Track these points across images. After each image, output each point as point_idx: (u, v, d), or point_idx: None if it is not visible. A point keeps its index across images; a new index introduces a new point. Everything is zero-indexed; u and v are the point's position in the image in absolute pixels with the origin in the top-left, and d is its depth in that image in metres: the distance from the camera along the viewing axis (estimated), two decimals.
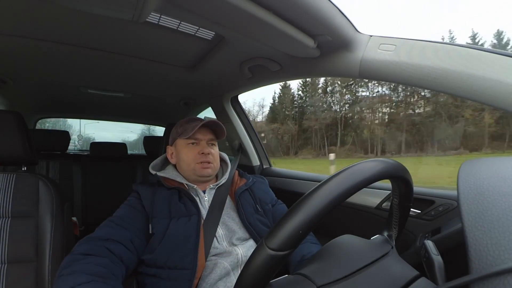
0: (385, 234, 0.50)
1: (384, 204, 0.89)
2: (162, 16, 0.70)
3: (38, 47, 0.88)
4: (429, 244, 0.41)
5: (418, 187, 0.81)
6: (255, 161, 1.50)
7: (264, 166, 1.52)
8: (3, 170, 0.85)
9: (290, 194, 1.24)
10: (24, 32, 0.78)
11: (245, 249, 0.76)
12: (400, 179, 0.43)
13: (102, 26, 0.76)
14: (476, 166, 0.34)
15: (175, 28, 0.77)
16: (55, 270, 0.60)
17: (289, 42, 0.70)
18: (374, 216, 0.92)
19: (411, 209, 0.70)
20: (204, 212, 0.80)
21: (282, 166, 1.55)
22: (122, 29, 0.78)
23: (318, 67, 0.83)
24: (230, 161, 0.99)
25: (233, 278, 0.70)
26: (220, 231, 0.78)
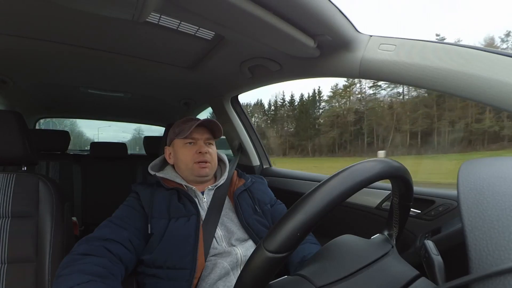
0: (386, 233, 0.50)
1: (384, 204, 0.89)
2: (162, 16, 0.70)
3: (38, 47, 0.87)
4: (429, 244, 0.41)
5: (418, 187, 0.81)
6: (255, 161, 1.50)
7: (264, 166, 1.52)
8: (3, 170, 0.84)
9: (290, 194, 1.24)
10: (24, 32, 0.78)
11: (244, 249, 0.76)
12: (400, 179, 0.42)
13: (102, 26, 0.76)
14: (476, 166, 0.33)
15: (175, 28, 0.77)
16: (55, 270, 0.60)
17: (289, 42, 0.70)
18: (374, 216, 0.92)
19: (411, 209, 0.70)
20: (203, 213, 0.80)
21: None
22: (122, 29, 0.78)
23: (318, 67, 0.83)
24: (229, 161, 0.99)
25: (233, 278, 0.70)
26: (219, 232, 0.78)
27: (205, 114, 1.81)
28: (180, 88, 1.39)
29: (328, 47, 0.74)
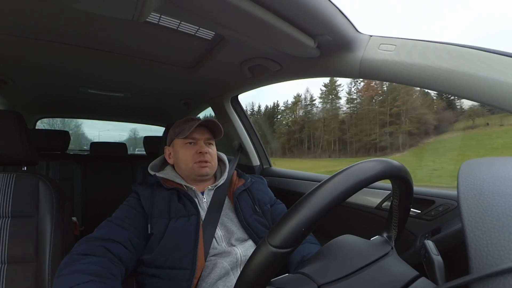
0: (385, 235, 0.50)
1: (384, 204, 0.89)
2: (162, 16, 0.70)
3: (38, 47, 0.87)
4: (429, 244, 0.41)
5: (418, 187, 0.81)
6: (255, 161, 1.50)
7: (264, 166, 1.52)
8: (3, 170, 0.85)
9: (290, 194, 1.24)
10: (24, 32, 0.78)
11: (244, 248, 0.76)
12: (401, 180, 0.43)
13: (102, 26, 0.76)
14: (476, 166, 0.33)
15: (175, 28, 0.77)
16: (55, 270, 0.60)
17: (289, 42, 0.70)
18: (374, 216, 0.92)
19: (411, 209, 0.70)
20: (202, 214, 0.80)
21: None
22: (122, 29, 0.78)
23: (318, 67, 0.83)
24: (229, 161, 0.99)
25: (233, 278, 0.70)
26: (218, 232, 0.78)
27: (205, 114, 1.81)
28: (180, 88, 1.39)
29: (328, 47, 0.74)
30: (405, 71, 0.62)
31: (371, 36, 0.69)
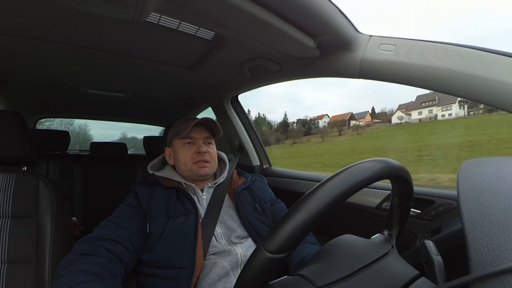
0: (386, 233, 0.50)
1: (384, 204, 0.89)
2: (162, 16, 0.70)
3: (38, 47, 0.87)
4: (429, 244, 0.41)
5: (418, 187, 0.81)
6: (255, 161, 1.50)
7: (264, 166, 1.52)
8: (3, 170, 0.84)
9: (290, 194, 1.24)
10: (24, 32, 0.78)
11: (244, 248, 0.76)
12: (400, 179, 0.42)
13: (102, 26, 0.76)
14: (476, 166, 0.33)
15: (175, 28, 0.77)
16: (55, 270, 0.60)
17: (289, 42, 0.70)
18: (374, 216, 0.92)
19: (411, 209, 0.69)
20: (202, 211, 0.80)
21: None
22: (122, 29, 0.78)
23: (318, 67, 0.83)
24: (229, 161, 0.99)
25: (233, 279, 0.70)
26: (218, 229, 0.78)
27: (205, 114, 1.81)
28: (180, 88, 1.39)
29: (328, 47, 0.74)
30: (405, 71, 0.62)
31: (371, 36, 0.69)
